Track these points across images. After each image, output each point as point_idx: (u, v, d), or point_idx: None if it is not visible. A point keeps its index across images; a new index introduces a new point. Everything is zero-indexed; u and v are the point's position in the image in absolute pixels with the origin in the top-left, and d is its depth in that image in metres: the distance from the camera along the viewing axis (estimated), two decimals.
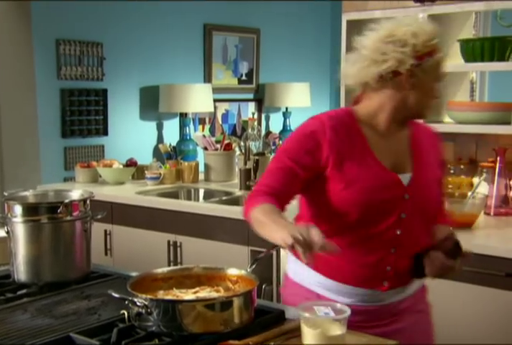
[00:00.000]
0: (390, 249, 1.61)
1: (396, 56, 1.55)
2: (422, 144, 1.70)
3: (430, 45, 1.56)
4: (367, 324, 1.61)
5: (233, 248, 2.82)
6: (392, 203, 1.60)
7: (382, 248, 1.61)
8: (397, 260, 1.62)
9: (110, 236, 3.22)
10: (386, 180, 1.61)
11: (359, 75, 1.60)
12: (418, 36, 1.56)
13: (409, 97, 1.59)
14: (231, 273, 1.56)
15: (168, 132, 4.29)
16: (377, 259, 1.61)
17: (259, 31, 4.77)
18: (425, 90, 1.59)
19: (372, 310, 1.65)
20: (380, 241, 1.61)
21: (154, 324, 1.37)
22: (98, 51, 3.89)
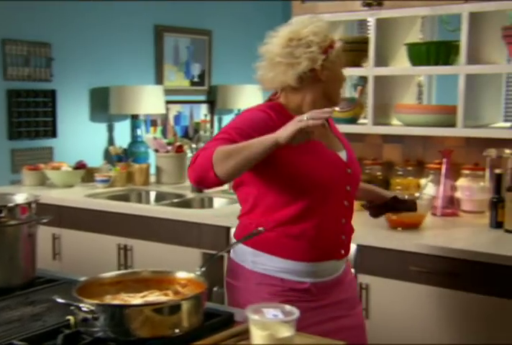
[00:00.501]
0: (342, 220, 1.81)
1: (308, 56, 1.73)
2: (335, 128, 1.93)
3: (329, 38, 1.77)
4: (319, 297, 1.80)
5: (184, 251, 2.80)
6: (338, 178, 1.79)
7: (335, 219, 1.79)
8: (346, 229, 1.84)
9: (58, 240, 3.16)
10: (331, 157, 1.80)
11: (279, 80, 1.77)
12: (318, 33, 1.75)
13: (326, 87, 1.78)
14: (180, 276, 1.55)
15: (119, 134, 4.24)
16: (333, 230, 1.79)
17: (211, 32, 4.76)
18: (336, 77, 1.81)
19: (330, 283, 1.82)
20: (332, 213, 1.78)
21: (101, 330, 1.34)
22: (46, 51, 3.81)
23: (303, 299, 1.77)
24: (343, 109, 2.90)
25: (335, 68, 1.78)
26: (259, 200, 1.76)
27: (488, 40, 2.67)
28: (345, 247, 1.85)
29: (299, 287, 1.78)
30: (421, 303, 2.25)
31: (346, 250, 1.86)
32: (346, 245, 1.86)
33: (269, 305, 1.45)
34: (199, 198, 3.31)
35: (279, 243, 1.75)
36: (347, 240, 1.86)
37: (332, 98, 1.81)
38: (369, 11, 2.75)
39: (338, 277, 1.86)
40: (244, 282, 1.81)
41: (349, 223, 1.86)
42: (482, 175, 2.64)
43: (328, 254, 1.80)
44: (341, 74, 1.82)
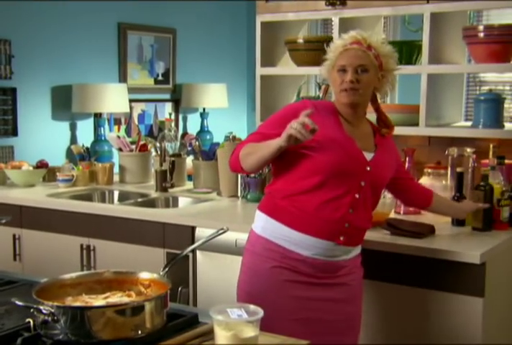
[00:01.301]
0: (349, 210, 1.96)
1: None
2: (382, 139, 2.10)
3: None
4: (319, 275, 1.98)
5: (148, 251, 2.77)
6: (355, 171, 1.96)
7: (341, 206, 1.94)
8: (353, 219, 1.97)
9: (19, 241, 3.10)
10: (353, 152, 1.97)
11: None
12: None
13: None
14: (143, 277, 1.54)
15: (82, 133, 4.18)
16: (339, 216, 1.94)
17: (175, 31, 4.73)
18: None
19: (329, 264, 1.98)
20: (339, 200, 1.94)
21: (62, 332, 1.32)
22: (6, 48, 3.74)
23: (298, 270, 1.96)
24: None
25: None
26: (280, 173, 2.01)
27: (450, 40, 2.71)
28: (346, 236, 1.97)
29: (296, 257, 1.95)
30: (385, 302, 2.26)
31: (347, 239, 1.97)
32: (350, 235, 1.97)
33: (233, 305, 1.44)
34: (164, 198, 3.29)
35: (287, 212, 1.96)
36: (352, 230, 1.98)
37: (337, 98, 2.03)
38: (333, 11, 2.77)
39: (337, 264, 2.00)
40: (251, 245, 2.05)
41: (358, 215, 1.98)
42: (444, 173, 2.68)
43: (327, 234, 1.94)
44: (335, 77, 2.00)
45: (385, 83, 2.04)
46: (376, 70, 1.97)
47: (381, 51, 1.99)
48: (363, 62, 1.95)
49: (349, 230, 1.97)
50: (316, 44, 2.88)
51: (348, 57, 1.96)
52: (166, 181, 3.28)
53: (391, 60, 2.02)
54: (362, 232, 2.06)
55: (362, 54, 1.96)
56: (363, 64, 1.95)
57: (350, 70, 1.95)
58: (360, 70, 1.95)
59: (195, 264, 2.64)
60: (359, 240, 2.06)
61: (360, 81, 1.95)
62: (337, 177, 1.94)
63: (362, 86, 1.95)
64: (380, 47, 1.99)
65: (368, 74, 1.96)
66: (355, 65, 1.95)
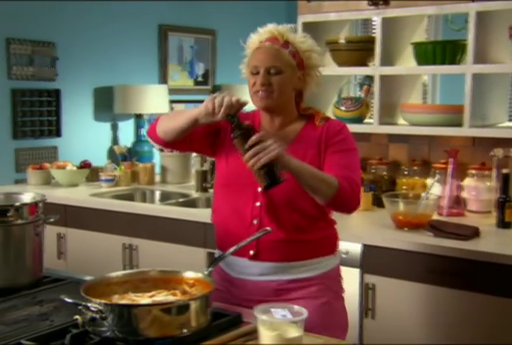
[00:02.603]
0: (253, 220, 1.78)
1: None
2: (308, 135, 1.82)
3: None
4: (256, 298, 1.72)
5: (190, 250, 2.80)
6: (246, 177, 1.73)
7: (243, 218, 1.78)
8: (260, 230, 1.74)
9: (63, 240, 3.16)
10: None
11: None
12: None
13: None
14: (188, 276, 1.55)
15: (123, 133, 4.23)
16: (240, 229, 1.78)
17: (214, 32, 4.75)
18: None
19: (260, 285, 1.78)
20: (240, 212, 1.79)
21: (109, 329, 1.34)
22: (50, 51, 3.81)
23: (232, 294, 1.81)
24: (349, 109, 2.89)
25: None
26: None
27: (495, 39, 2.66)
28: (256, 249, 1.76)
29: (227, 278, 1.83)
30: (427, 303, 2.24)
31: (259, 253, 1.77)
32: (260, 248, 1.76)
33: (277, 305, 1.45)
34: (204, 198, 3.31)
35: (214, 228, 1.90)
36: (262, 243, 1.76)
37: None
38: (375, 10, 2.75)
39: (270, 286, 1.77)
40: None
41: (267, 224, 1.75)
42: (488, 174, 2.63)
43: (239, 251, 1.72)
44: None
45: (309, 81, 1.84)
46: (294, 70, 1.78)
47: (300, 47, 1.79)
48: (276, 63, 1.75)
49: (256, 243, 1.75)
50: (357, 44, 2.87)
51: (260, 58, 1.78)
52: (206, 181, 3.30)
53: (314, 55, 1.82)
54: (281, 244, 1.77)
55: (275, 53, 1.77)
56: (275, 65, 1.75)
57: (262, 71, 1.76)
58: (273, 71, 1.75)
59: None
60: (278, 254, 1.77)
61: (273, 83, 1.75)
62: (232, 188, 1.81)
63: (275, 89, 1.75)
64: (299, 42, 1.80)
65: (282, 75, 1.76)
66: (267, 65, 1.75)
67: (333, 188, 1.68)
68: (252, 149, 1.59)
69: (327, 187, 1.68)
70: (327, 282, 1.82)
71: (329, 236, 1.87)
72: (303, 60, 1.80)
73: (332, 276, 1.86)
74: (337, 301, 1.86)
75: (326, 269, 1.83)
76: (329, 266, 1.84)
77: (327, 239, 1.85)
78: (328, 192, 1.68)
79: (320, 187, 1.68)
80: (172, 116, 1.80)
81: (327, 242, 1.85)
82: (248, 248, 1.75)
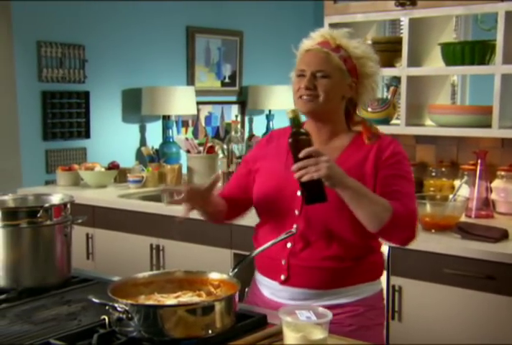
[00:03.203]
0: (286, 244, 1.70)
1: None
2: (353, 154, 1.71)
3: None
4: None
5: (216, 251, 2.81)
6: (284, 199, 1.71)
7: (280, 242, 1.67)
8: (293, 255, 1.69)
9: (92, 240, 3.20)
10: (283, 177, 1.70)
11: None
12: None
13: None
14: (213, 277, 1.56)
15: (151, 135, 4.28)
16: (274, 252, 1.70)
17: (242, 33, 4.77)
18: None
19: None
20: (275, 235, 1.68)
21: (135, 329, 1.36)
22: (80, 53, 3.87)
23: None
24: (375, 110, 2.87)
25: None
26: None
27: None
28: (287, 273, 1.70)
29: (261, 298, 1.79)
30: (455, 306, 2.22)
31: (289, 278, 1.70)
32: (292, 273, 1.70)
33: (302, 306, 1.45)
34: None
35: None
36: (294, 268, 1.69)
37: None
38: (403, 11, 2.73)
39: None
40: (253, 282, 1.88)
41: (300, 249, 1.69)
42: None
43: (269, 273, 1.75)
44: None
45: (363, 91, 1.72)
46: (343, 75, 1.67)
47: (353, 52, 1.69)
48: (323, 66, 1.66)
49: (288, 267, 1.70)
50: (384, 45, 2.85)
51: (307, 60, 1.69)
52: None
53: (369, 62, 1.71)
54: (313, 271, 1.69)
55: (323, 56, 1.67)
56: (322, 69, 1.66)
57: (308, 74, 1.67)
58: (320, 74, 1.66)
59: None
60: (310, 281, 1.69)
61: (318, 87, 1.65)
62: (269, 209, 1.76)
63: (321, 93, 1.65)
64: (353, 47, 1.69)
65: (329, 80, 1.66)
66: (313, 69, 1.66)
67: (387, 213, 1.57)
68: (304, 161, 1.50)
69: (380, 211, 1.57)
70: (361, 309, 1.72)
71: (370, 263, 1.74)
72: (356, 66, 1.69)
73: (368, 303, 1.74)
74: (368, 330, 1.72)
75: (362, 296, 1.73)
76: (367, 293, 1.74)
77: (367, 266, 1.73)
78: (381, 217, 1.57)
79: (371, 212, 1.57)
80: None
81: (366, 269, 1.73)
82: (279, 272, 1.71)
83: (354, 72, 1.69)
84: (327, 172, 1.50)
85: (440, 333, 2.24)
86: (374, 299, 1.76)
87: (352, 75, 1.68)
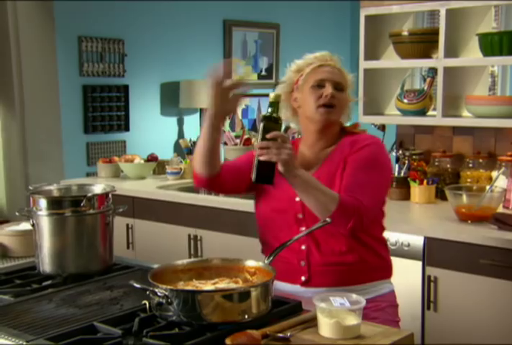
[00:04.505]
0: (300, 246, 1.77)
1: None
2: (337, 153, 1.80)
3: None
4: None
5: (252, 241, 2.84)
6: (285, 206, 1.79)
7: (294, 245, 1.70)
8: (309, 255, 1.76)
9: (132, 230, 3.28)
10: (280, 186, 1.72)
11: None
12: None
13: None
14: (249, 265, 1.59)
15: (189, 127, 4.34)
16: (290, 255, 1.76)
17: (278, 26, 4.79)
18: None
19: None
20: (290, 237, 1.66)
21: (175, 314, 1.41)
22: (119, 48, 3.94)
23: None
24: (412, 101, 2.87)
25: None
26: None
27: None
28: (307, 274, 1.76)
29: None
30: (490, 296, 2.22)
31: (310, 279, 1.76)
32: (312, 273, 1.76)
33: (336, 293, 1.48)
34: None
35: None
36: (314, 268, 1.76)
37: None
38: (439, 2, 2.71)
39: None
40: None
41: (316, 248, 1.76)
42: None
43: (288, 277, 1.77)
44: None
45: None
46: (349, 92, 1.83)
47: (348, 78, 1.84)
48: (341, 80, 1.80)
49: (308, 268, 1.77)
50: (421, 36, 2.84)
51: (327, 72, 1.79)
52: None
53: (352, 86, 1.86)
54: (332, 268, 1.75)
55: (338, 72, 1.82)
56: (341, 82, 1.80)
57: (329, 85, 1.77)
58: (339, 87, 1.79)
59: None
60: (330, 279, 1.75)
61: (337, 99, 1.77)
62: (274, 217, 1.81)
63: (338, 105, 1.78)
64: (346, 74, 1.85)
65: (344, 94, 1.80)
66: (335, 80, 1.78)
67: (333, 204, 1.63)
68: (269, 142, 1.58)
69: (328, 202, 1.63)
70: (382, 304, 1.78)
71: (384, 260, 1.82)
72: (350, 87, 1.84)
73: (388, 299, 1.81)
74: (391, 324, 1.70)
75: (381, 292, 1.79)
76: (384, 290, 1.81)
77: (383, 262, 1.82)
78: (327, 207, 1.63)
79: (318, 202, 1.64)
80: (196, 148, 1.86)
81: (383, 265, 1.82)
82: (299, 274, 1.76)
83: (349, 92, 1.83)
84: (286, 158, 1.57)
85: (475, 323, 2.25)
86: (391, 296, 1.82)
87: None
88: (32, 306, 1.56)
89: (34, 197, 1.81)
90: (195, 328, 1.39)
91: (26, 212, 1.82)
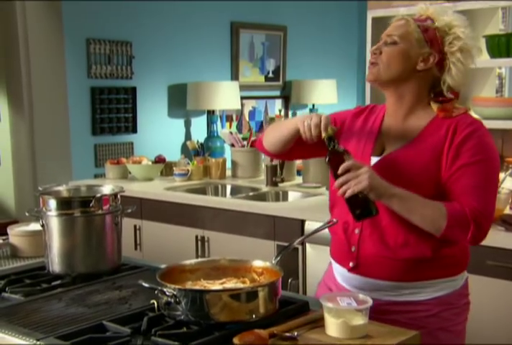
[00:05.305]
0: (354, 230, 1.66)
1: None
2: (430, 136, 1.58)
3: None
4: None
5: (259, 242, 2.86)
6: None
7: (345, 228, 1.66)
8: (361, 242, 1.64)
9: (139, 231, 3.29)
10: (357, 157, 1.60)
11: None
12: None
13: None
14: (257, 265, 1.61)
15: (196, 129, 4.35)
16: (343, 238, 1.67)
17: (285, 28, 4.80)
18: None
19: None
20: (342, 221, 1.65)
21: (183, 313, 1.42)
22: (127, 50, 3.96)
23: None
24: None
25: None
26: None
27: None
28: (356, 261, 1.65)
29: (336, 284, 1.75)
30: (498, 298, 2.22)
31: (357, 266, 1.65)
32: (359, 261, 1.64)
33: (343, 293, 1.49)
34: (274, 192, 3.37)
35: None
36: (362, 256, 1.63)
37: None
38: (447, 4, 2.72)
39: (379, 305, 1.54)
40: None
41: (368, 237, 1.62)
42: None
43: (339, 258, 1.71)
44: None
45: (448, 68, 1.56)
46: (417, 45, 1.56)
47: (442, 25, 1.56)
48: (394, 32, 1.58)
49: (358, 254, 1.64)
50: None
51: (388, 29, 1.62)
52: (276, 176, 3.36)
53: (458, 38, 1.55)
54: (383, 260, 1.60)
55: (402, 23, 1.58)
56: (393, 34, 1.58)
57: (381, 41, 1.60)
58: (389, 40, 1.58)
59: (304, 256, 2.70)
60: (380, 271, 1.61)
61: (382, 54, 1.58)
62: (333, 198, 1.71)
63: (382, 60, 1.57)
64: (444, 21, 1.56)
65: (395, 47, 1.56)
66: (386, 34, 1.60)
67: (442, 217, 1.49)
68: (343, 177, 1.49)
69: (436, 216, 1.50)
70: (436, 309, 1.61)
71: (449, 257, 1.61)
72: (440, 38, 1.56)
73: (446, 301, 1.62)
74: (443, 333, 1.61)
75: (440, 293, 1.61)
76: (445, 290, 1.62)
77: (446, 260, 1.61)
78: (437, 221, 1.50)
79: (424, 217, 1.51)
80: (277, 127, 1.75)
81: (444, 263, 1.60)
82: (348, 259, 1.66)
83: (437, 45, 1.56)
84: (368, 182, 1.47)
85: (482, 324, 2.25)
86: (453, 297, 1.63)
87: (432, 46, 1.56)
88: (42, 305, 1.58)
89: (44, 197, 1.83)
90: (203, 328, 1.41)
91: (36, 212, 1.84)
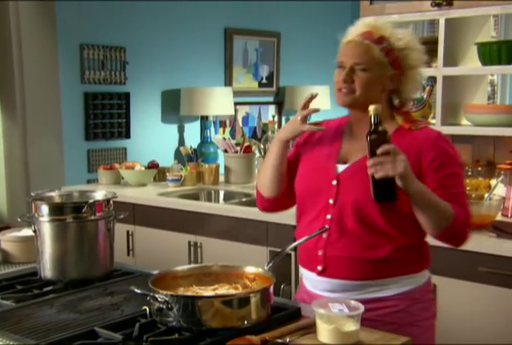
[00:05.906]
0: (322, 234, 1.67)
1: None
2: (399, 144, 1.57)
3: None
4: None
5: (252, 248, 2.87)
6: (319, 188, 1.70)
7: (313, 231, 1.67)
8: (328, 245, 1.67)
9: (132, 237, 3.29)
10: (321, 166, 1.72)
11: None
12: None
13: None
14: (249, 271, 1.61)
15: (189, 135, 4.36)
16: (311, 242, 1.68)
17: (279, 34, 4.82)
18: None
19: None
20: (311, 225, 1.70)
21: (175, 319, 1.42)
22: (121, 55, 3.96)
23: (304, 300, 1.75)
24: (411, 110, 2.89)
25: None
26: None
27: None
28: (324, 264, 1.67)
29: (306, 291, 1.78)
30: (489, 304, 2.23)
31: (325, 269, 1.67)
32: (328, 264, 1.67)
33: (335, 299, 1.49)
34: None
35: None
36: (330, 259, 1.66)
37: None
38: (439, 11, 2.74)
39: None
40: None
41: (337, 239, 1.66)
42: None
43: (307, 264, 1.73)
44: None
45: (407, 82, 1.67)
46: (383, 68, 1.63)
47: (397, 44, 1.63)
48: (362, 59, 1.62)
49: (325, 258, 1.67)
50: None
51: (347, 53, 1.65)
52: None
53: (413, 54, 1.65)
54: (350, 261, 1.64)
55: (363, 48, 1.63)
56: (361, 62, 1.62)
57: (346, 67, 1.64)
58: (358, 67, 1.63)
59: (297, 262, 2.70)
60: (347, 272, 1.65)
61: (356, 81, 1.63)
62: (306, 199, 1.74)
63: (358, 87, 1.63)
64: (396, 39, 1.63)
65: (368, 73, 1.62)
66: (352, 62, 1.63)
67: (447, 221, 1.57)
68: (381, 157, 1.49)
69: (443, 219, 1.57)
70: (402, 304, 1.66)
71: (412, 253, 1.67)
72: (399, 58, 1.64)
73: (412, 296, 1.67)
74: (412, 328, 1.65)
75: (404, 289, 1.66)
76: (409, 286, 1.67)
77: (408, 257, 1.66)
78: (441, 223, 1.57)
79: (433, 219, 1.57)
80: (262, 168, 1.82)
81: (407, 260, 1.66)
82: (316, 263, 1.68)
83: (397, 64, 1.64)
84: (403, 170, 1.48)
85: (474, 330, 2.26)
86: (417, 292, 1.68)
87: (394, 67, 1.64)
88: (34, 311, 1.58)
89: (36, 203, 1.82)
90: (195, 334, 1.41)
91: (28, 218, 1.84)
